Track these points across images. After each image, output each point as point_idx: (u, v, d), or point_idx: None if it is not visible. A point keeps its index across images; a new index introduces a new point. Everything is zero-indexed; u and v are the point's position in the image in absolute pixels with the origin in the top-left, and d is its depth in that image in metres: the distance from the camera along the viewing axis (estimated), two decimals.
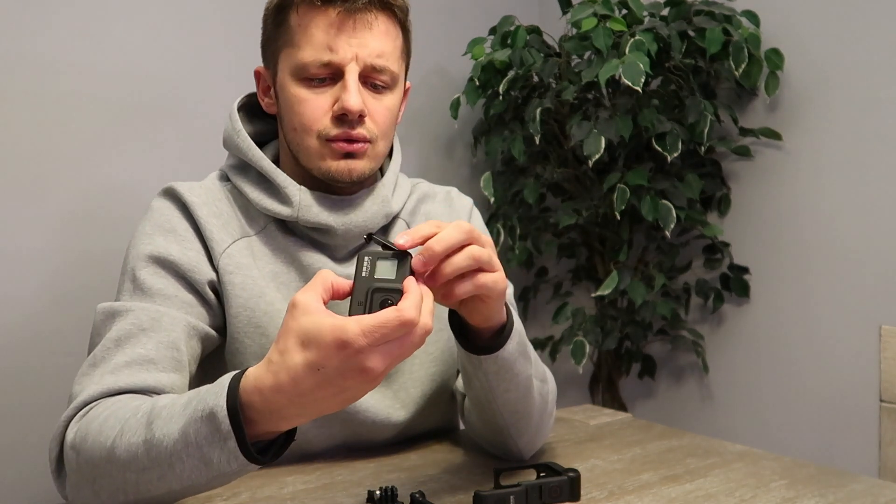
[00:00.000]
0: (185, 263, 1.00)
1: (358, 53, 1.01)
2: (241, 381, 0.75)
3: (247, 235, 1.06)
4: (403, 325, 0.70)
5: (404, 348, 0.72)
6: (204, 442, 0.74)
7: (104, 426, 0.82)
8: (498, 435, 1.04)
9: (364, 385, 0.72)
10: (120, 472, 0.80)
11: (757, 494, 0.96)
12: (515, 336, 0.94)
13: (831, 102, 1.84)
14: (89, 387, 0.90)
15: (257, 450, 0.76)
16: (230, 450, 0.74)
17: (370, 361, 0.70)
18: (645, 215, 1.86)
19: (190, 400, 0.78)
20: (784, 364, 1.95)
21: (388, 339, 0.70)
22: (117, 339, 0.94)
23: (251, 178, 1.08)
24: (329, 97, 1.02)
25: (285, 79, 1.04)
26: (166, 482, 0.78)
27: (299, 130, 1.03)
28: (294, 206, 1.04)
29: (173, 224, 1.04)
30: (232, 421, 0.73)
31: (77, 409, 0.89)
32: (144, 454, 0.78)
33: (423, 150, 2.22)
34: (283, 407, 0.73)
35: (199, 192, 1.07)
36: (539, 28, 2.06)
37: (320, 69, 1.01)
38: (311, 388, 0.71)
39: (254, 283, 1.03)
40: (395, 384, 1.11)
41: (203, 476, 0.76)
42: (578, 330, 1.97)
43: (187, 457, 0.75)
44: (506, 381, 0.95)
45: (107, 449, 0.80)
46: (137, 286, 0.99)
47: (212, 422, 0.74)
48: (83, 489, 0.85)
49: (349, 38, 1.00)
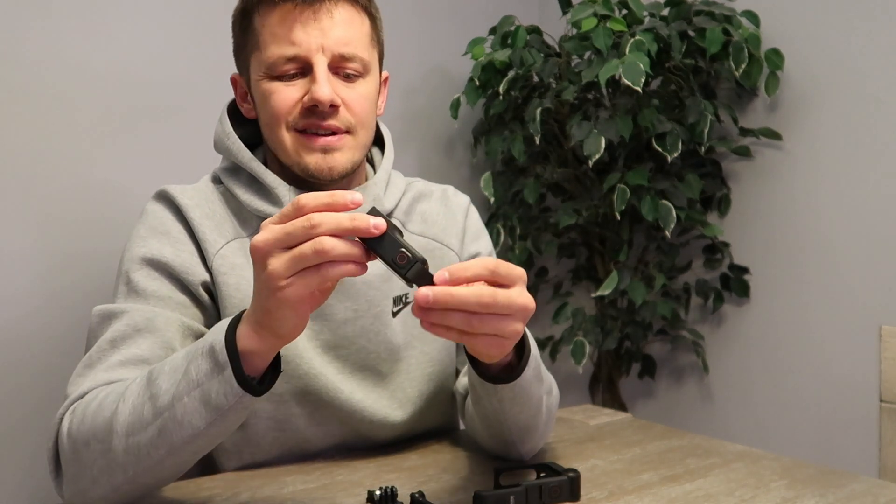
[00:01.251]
0: (178, 265, 1.01)
1: (323, 44, 1.01)
2: (239, 320, 0.80)
3: (240, 237, 1.06)
4: (296, 208, 0.73)
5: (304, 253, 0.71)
6: (204, 378, 0.78)
7: (104, 402, 0.85)
8: (502, 445, 1.05)
9: (275, 295, 0.73)
10: (121, 440, 0.81)
11: (757, 494, 0.96)
12: (532, 362, 0.92)
13: (831, 102, 1.84)
14: (83, 385, 0.92)
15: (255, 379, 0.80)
16: (226, 379, 0.77)
17: (270, 264, 0.72)
18: (645, 215, 1.86)
19: (190, 349, 0.82)
20: (784, 364, 1.95)
21: (290, 237, 0.72)
22: (112, 339, 0.95)
23: (242, 181, 1.08)
24: (299, 89, 1.02)
25: (258, 80, 1.05)
26: (167, 435, 0.80)
27: (272, 124, 1.04)
28: (284, 207, 1.04)
29: (167, 226, 1.04)
30: (229, 350, 0.77)
31: (70, 405, 0.90)
32: (149, 409, 0.80)
33: (423, 150, 2.22)
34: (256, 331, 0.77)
35: (191, 194, 1.07)
36: (539, 28, 2.06)
37: (287, 65, 1.02)
38: (255, 308, 0.77)
39: (248, 284, 1.03)
40: (393, 384, 1.11)
41: (202, 418, 0.79)
42: (578, 330, 1.97)
43: (188, 398, 0.79)
44: (519, 405, 0.95)
45: (108, 420, 0.82)
46: (132, 288, 1.00)
47: (212, 355, 0.78)
48: (81, 479, 0.85)
49: (311, 29, 1.01)
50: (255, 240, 0.73)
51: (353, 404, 1.06)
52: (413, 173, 2.12)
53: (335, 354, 1.07)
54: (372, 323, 1.08)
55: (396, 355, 1.11)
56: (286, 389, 1.03)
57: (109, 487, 0.84)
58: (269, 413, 1.04)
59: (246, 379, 0.78)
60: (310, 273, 0.72)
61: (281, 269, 0.72)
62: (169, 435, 0.80)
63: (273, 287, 0.73)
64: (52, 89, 1.62)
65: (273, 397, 1.03)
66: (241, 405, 0.79)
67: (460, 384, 1.16)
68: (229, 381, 0.77)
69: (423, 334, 1.13)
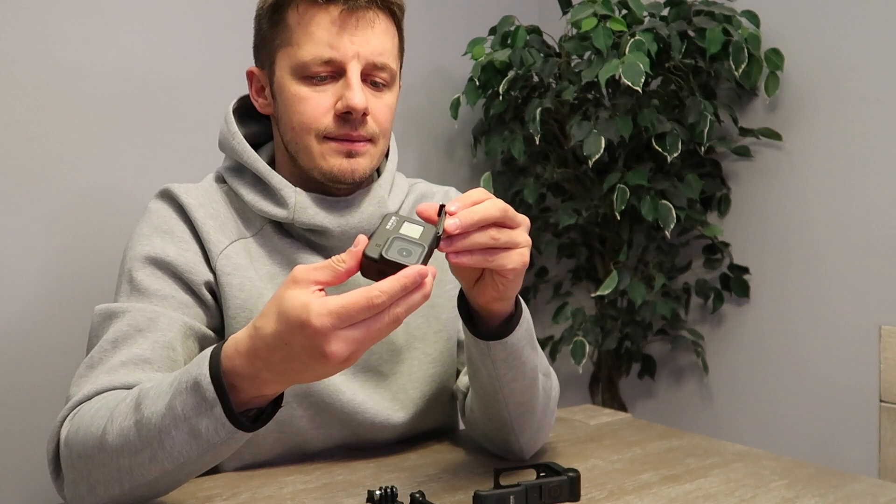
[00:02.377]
0: (181, 265, 1.00)
1: (360, 51, 1.00)
2: (222, 348, 0.76)
3: (243, 237, 1.06)
4: (370, 307, 0.69)
5: (370, 334, 0.70)
6: (191, 413, 0.75)
7: (95, 417, 0.83)
8: (500, 430, 1.04)
9: (329, 367, 0.72)
10: (113, 459, 0.80)
11: (757, 494, 0.96)
12: (524, 323, 0.94)
13: (831, 102, 1.84)
14: (85, 387, 0.91)
15: (246, 419, 0.77)
16: (217, 417, 0.75)
17: (332, 346, 0.69)
18: (645, 215, 1.86)
19: (175, 376, 0.79)
20: (784, 364, 1.95)
21: (353, 321, 0.69)
22: (114, 340, 0.94)
23: (247, 181, 1.08)
24: (331, 95, 1.01)
25: (284, 78, 1.03)
26: (158, 462, 0.78)
27: (298, 129, 1.03)
28: (290, 208, 1.04)
29: (170, 226, 1.04)
30: (216, 388, 0.74)
31: (71, 409, 0.90)
32: (135, 435, 0.78)
33: (423, 150, 2.22)
34: (260, 371, 0.74)
35: (195, 193, 1.06)
36: (539, 28, 2.06)
37: (321, 67, 1.00)
38: (280, 359, 0.73)
39: (252, 285, 1.03)
40: (395, 385, 1.11)
41: (194, 450, 0.77)
42: (578, 330, 1.97)
43: (176, 431, 0.76)
44: (513, 370, 0.95)
45: (98, 438, 0.81)
46: (134, 287, 0.99)
47: (197, 391, 0.75)
48: (80, 486, 0.85)
49: (351, 35, 1.00)
50: (341, 353, 0.70)
51: (354, 406, 1.06)
52: (413, 173, 2.13)
53: None
54: None
55: (398, 356, 1.11)
56: (288, 391, 1.03)
57: (107, 497, 0.84)
58: None
59: (237, 417, 0.75)
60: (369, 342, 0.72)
61: (347, 350, 0.71)
62: (160, 462, 0.79)
63: (333, 362, 0.71)
64: (56, 91, 1.62)
65: None
66: (234, 440, 0.77)
67: (461, 383, 1.16)
68: (220, 419, 0.75)
69: (424, 335, 1.13)
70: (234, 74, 1.83)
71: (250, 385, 0.75)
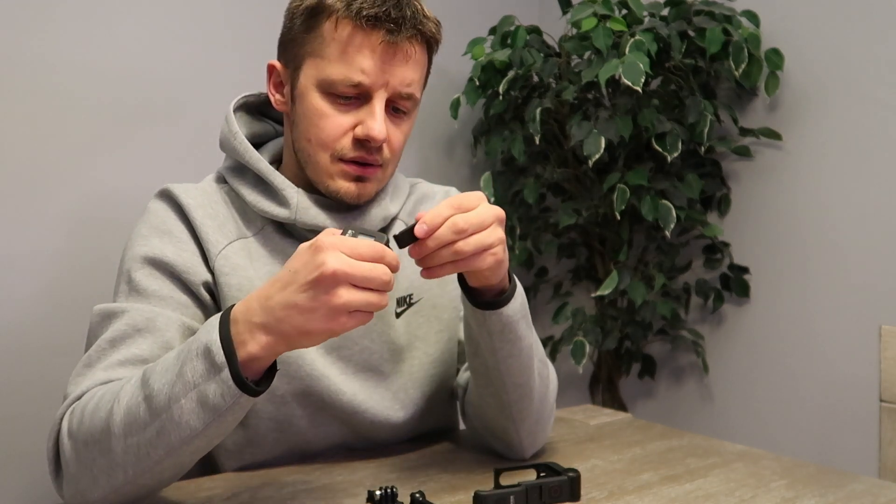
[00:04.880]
0: (180, 265, 1.01)
1: (390, 81, 1.00)
2: (231, 310, 0.81)
3: (243, 237, 1.06)
4: (380, 257, 0.78)
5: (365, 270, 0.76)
6: (200, 379, 0.78)
7: (100, 402, 0.84)
8: (500, 416, 1.04)
9: (321, 293, 0.76)
10: (119, 441, 0.81)
11: (757, 494, 0.96)
12: (518, 297, 0.97)
13: (831, 102, 1.84)
14: (82, 384, 0.92)
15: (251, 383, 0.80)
16: (223, 381, 0.77)
17: (330, 258, 0.75)
18: (645, 215, 1.86)
19: (181, 349, 0.82)
20: (784, 364, 1.95)
21: (356, 249, 0.77)
22: (112, 339, 0.95)
23: (248, 181, 1.08)
24: (352, 117, 1.01)
25: (308, 87, 1.02)
26: (165, 436, 0.80)
27: (314, 143, 1.03)
28: (292, 208, 1.04)
29: (169, 226, 1.04)
30: (225, 351, 0.78)
31: (69, 405, 0.90)
32: (145, 410, 0.80)
33: (423, 150, 2.22)
34: (253, 311, 0.79)
35: (194, 194, 1.06)
36: (539, 28, 2.06)
37: (349, 88, 1.00)
38: (271, 284, 0.79)
39: (250, 284, 1.03)
40: (395, 385, 1.11)
41: (200, 419, 0.79)
42: (578, 330, 1.97)
43: (185, 399, 0.79)
44: (509, 344, 0.97)
45: (104, 420, 0.82)
46: (133, 287, 0.99)
47: (207, 357, 0.78)
48: (81, 480, 0.85)
49: (386, 65, 0.99)
50: (333, 265, 0.75)
51: (354, 405, 1.06)
52: (413, 173, 2.13)
53: (338, 355, 1.07)
54: (375, 323, 1.08)
55: (399, 356, 1.11)
56: (287, 391, 1.03)
57: (109, 488, 0.84)
58: (270, 414, 1.04)
59: (243, 380, 0.78)
60: (365, 313, 0.78)
61: (352, 303, 0.76)
62: (167, 436, 0.80)
63: (336, 316, 0.77)
64: (57, 91, 1.62)
65: (275, 398, 1.03)
66: (239, 405, 0.79)
67: (461, 379, 1.16)
68: (227, 382, 0.77)
69: (425, 335, 1.13)
70: (234, 75, 1.83)
71: (244, 330, 0.79)
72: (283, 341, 0.78)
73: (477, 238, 0.86)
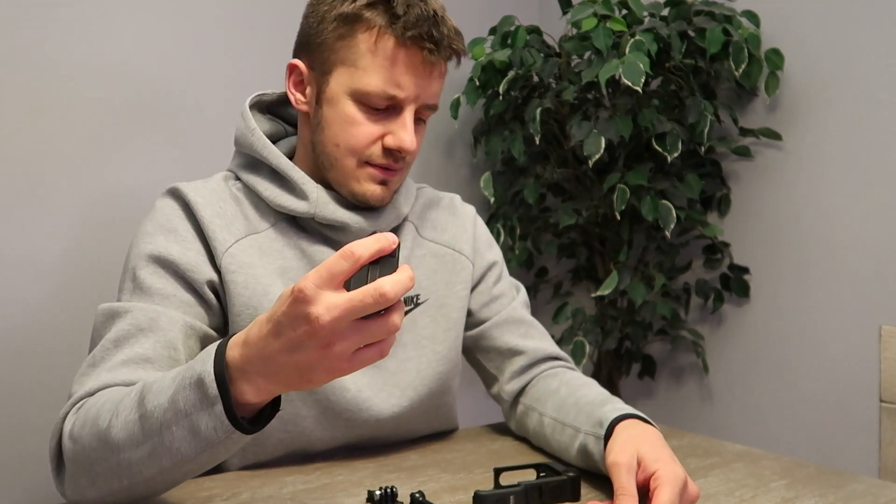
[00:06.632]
0: (184, 263, 1.01)
1: (420, 94, 1.03)
2: (227, 344, 0.76)
3: (254, 232, 1.06)
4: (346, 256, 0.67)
5: (354, 304, 0.67)
6: (192, 409, 0.76)
7: (101, 411, 0.84)
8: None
9: (312, 341, 0.68)
10: (115, 453, 0.81)
11: (757, 494, 0.96)
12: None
13: (831, 102, 1.84)
14: (87, 384, 0.92)
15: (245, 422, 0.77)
16: (216, 415, 0.75)
17: (316, 308, 0.67)
18: (645, 215, 1.86)
19: (179, 371, 0.79)
20: (784, 364, 1.95)
21: (335, 279, 0.68)
22: (116, 339, 0.95)
23: (264, 175, 1.08)
24: (381, 127, 1.03)
25: (340, 95, 1.03)
26: (157, 458, 0.79)
27: (342, 148, 1.04)
28: (311, 202, 1.05)
29: (174, 224, 1.04)
30: (219, 385, 0.74)
31: (73, 405, 0.91)
32: (139, 430, 0.79)
33: (423, 150, 2.22)
34: (250, 361, 0.73)
35: (203, 192, 1.07)
36: (539, 28, 2.06)
37: (383, 101, 1.02)
38: (265, 336, 0.71)
39: (257, 282, 1.03)
40: (403, 382, 1.11)
41: (192, 447, 0.77)
42: (578, 330, 1.97)
43: (177, 426, 0.77)
44: None
45: (103, 431, 0.82)
46: (137, 285, 1.00)
47: (200, 388, 0.75)
48: (80, 480, 0.86)
49: (418, 79, 1.02)
50: (320, 317, 0.67)
51: (359, 402, 1.07)
52: (413, 173, 2.13)
53: None
54: None
55: (405, 353, 1.11)
56: None
57: (107, 491, 0.85)
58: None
59: (236, 416, 0.75)
60: (373, 349, 0.71)
61: (348, 351, 0.70)
62: (159, 458, 0.79)
63: (335, 367, 0.70)
64: (60, 91, 1.62)
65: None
66: (232, 440, 0.77)
67: (505, 392, 1.20)
68: (220, 416, 0.75)
69: (433, 333, 1.14)
70: (238, 74, 1.83)
71: (246, 379, 0.74)
72: (282, 387, 0.74)
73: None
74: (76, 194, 1.65)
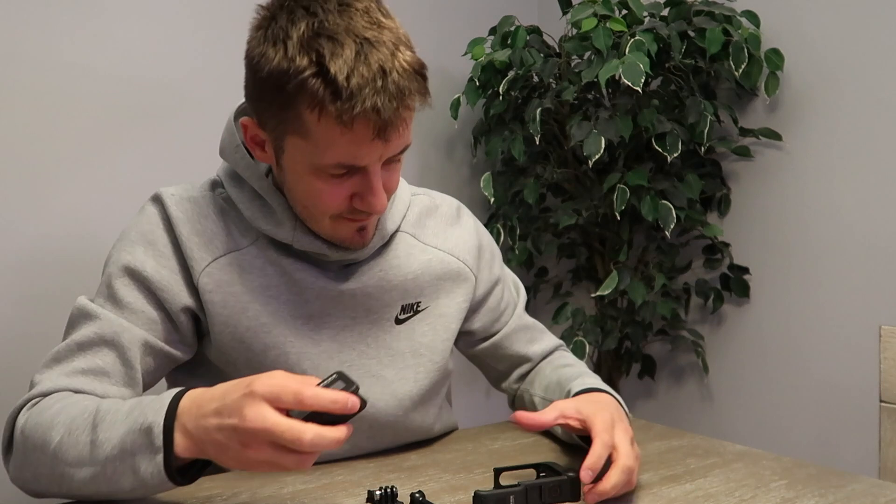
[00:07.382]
0: (156, 282, 1.01)
1: (382, 154, 0.95)
2: (181, 399, 0.83)
3: (236, 249, 1.03)
4: (296, 394, 0.75)
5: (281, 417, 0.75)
6: (137, 451, 0.82)
7: (54, 421, 0.89)
8: None
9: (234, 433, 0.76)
10: (60, 466, 0.87)
11: (757, 494, 0.96)
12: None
13: (831, 102, 1.84)
14: (46, 381, 0.97)
15: (178, 468, 0.83)
16: (157, 463, 0.81)
17: (249, 410, 0.75)
18: (645, 215, 1.86)
19: (132, 408, 0.85)
20: (784, 364, 1.95)
21: (279, 398, 0.75)
22: (80, 343, 0.99)
23: (246, 193, 1.05)
24: (347, 187, 0.96)
25: (297, 166, 0.97)
26: (97, 483, 0.86)
27: (311, 210, 1.00)
28: (289, 231, 1.02)
29: (155, 236, 1.03)
30: (165, 438, 0.81)
31: (31, 398, 0.96)
32: (88, 453, 0.85)
33: (423, 150, 2.22)
34: (189, 415, 0.81)
35: (186, 206, 1.04)
36: (539, 28, 2.06)
37: (341, 169, 0.95)
38: (209, 400, 0.80)
39: (235, 300, 1.02)
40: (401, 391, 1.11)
41: (128, 482, 0.84)
42: (578, 330, 1.97)
43: (121, 463, 0.84)
44: None
45: (54, 445, 0.88)
46: (111, 294, 1.02)
47: (148, 435, 0.82)
48: (25, 472, 0.92)
49: (378, 146, 0.93)
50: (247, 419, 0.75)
51: None
52: (413, 174, 2.13)
53: (339, 360, 1.07)
54: (370, 328, 1.08)
55: (402, 362, 1.11)
56: None
57: (44, 490, 0.91)
58: None
59: (173, 470, 0.82)
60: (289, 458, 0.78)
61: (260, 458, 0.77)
62: (98, 483, 0.86)
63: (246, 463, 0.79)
64: (56, 92, 1.62)
65: None
66: (165, 487, 0.84)
67: (511, 389, 1.27)
68: (159, 465, 0.81)
69: (431, 343, 1.13)
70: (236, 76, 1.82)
71: (178, 427, 0.82)
72: (204, 454, 0.82)
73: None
74: (76, 194, 1.65)
